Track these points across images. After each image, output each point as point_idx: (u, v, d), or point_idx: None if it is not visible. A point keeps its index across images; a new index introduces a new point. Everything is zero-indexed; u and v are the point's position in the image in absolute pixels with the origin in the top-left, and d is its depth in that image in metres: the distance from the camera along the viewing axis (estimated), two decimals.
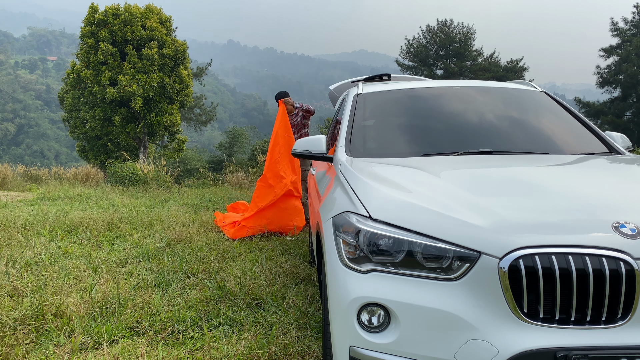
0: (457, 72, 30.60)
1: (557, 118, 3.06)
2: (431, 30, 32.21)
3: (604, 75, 25.65)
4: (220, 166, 23.04)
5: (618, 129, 21.72)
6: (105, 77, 17.82)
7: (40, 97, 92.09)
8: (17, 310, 2.91)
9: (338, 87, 4.95)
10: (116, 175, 11.91)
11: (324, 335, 2.07)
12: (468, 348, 1.48)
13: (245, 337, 2.70)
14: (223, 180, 14.55)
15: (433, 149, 2.66)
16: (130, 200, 8.72)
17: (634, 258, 1.45)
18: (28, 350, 2.55)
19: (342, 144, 2.79)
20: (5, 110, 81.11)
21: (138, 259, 4.38)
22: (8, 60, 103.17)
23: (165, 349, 2.60)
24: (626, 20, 25.58)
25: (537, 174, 2.17)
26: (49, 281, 3.56)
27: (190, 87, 19.98)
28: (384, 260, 1.65)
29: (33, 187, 11.44)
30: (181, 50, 19.18)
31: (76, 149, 21.82)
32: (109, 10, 18.56)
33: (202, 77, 31.43)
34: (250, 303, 3.27)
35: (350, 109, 3.11)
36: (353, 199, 1.93)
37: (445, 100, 3.22)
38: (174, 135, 21.27)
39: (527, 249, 1.48)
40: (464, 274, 1.54)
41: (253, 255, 4.59)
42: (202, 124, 32.58)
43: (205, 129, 48.65)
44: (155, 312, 3.04)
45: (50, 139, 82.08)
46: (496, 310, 1.49)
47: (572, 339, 1.44)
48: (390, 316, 1.58)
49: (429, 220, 1.66)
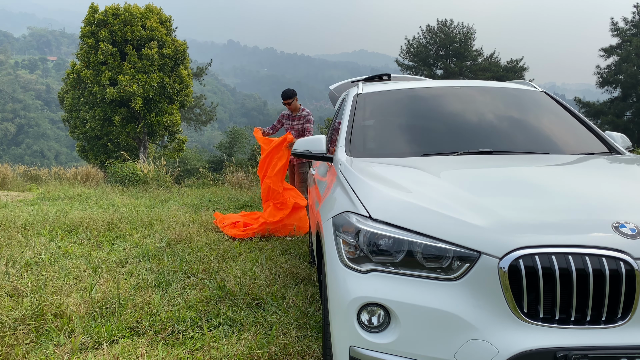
0: (457, 72, 30.60)
1: (557, 118, 3.06)
2: (431, 30, 32.22)
3: (604, 75, 25.66)
4: (220, 166, 23.03)
5: (618, 129, 21.71)
6: (105, 77, 17.83)
7: (40, 97, 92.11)
8: (17, 310, 2.91)
9: (338, 87, 4.95)
10: (116, 175, 11.92)
11: (324, 335, 2.07)
12: (468, 348, 1.48)
13: (245, 337, 2.70)
14: (223, 180, 14.54)
15: (433, 149, 2.66)
16: (130, 200, 8.72)
17: (634, 258, 1.45)
18: (28, 350, 2.55)
19: (342, 144, 2.79)
20: (5, 110, 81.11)
21: (138, 259, 4.38)
22: (8, 60, 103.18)
23: (165, 349, 2.60)
24: (626, 20, 25.59)
25: (537, 174, 2.17)
26: (49, 281, 3.56)
27: (190, 87, 19.99)
28: (384, 260, 1.65)
29: (33, 187, 11.44)
30: (181, 50, 19.19)
31: (76, 149, 21.83)
32: (109, 10, 18.57)
33: (202, 77, 31.45)
34: (250, 303, 3.27)
35: (350, 109, 3.11)
36: (353, 199, 1.93)
37: (445, 100, 3.22)
38: (174, 135, 21.29)
39: (527, 249, 1.48)
40: (464, 274, 1.54)
41: (253, 255, 4.59)
42: (202, 124, 32.60)
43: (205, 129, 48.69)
44: (155, 312, 3.04)
45: (50, 139, 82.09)
46: (496, 310, 1.49)
47: (572, 339, 1.44)
48: (390, 316, 1.58)
49: (429, 220, 1.66)
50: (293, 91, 6.55)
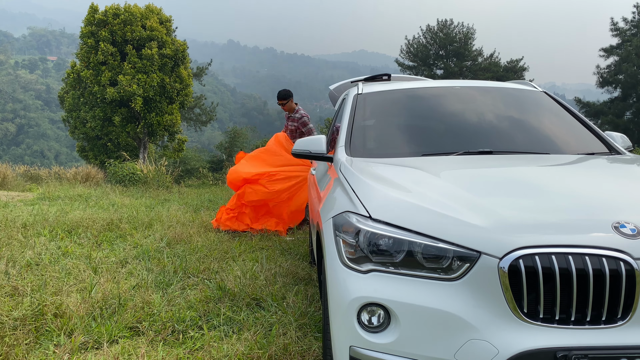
0: (457, 72, 30.60)
1: (557, 118, 3.06)
2: (431, 30, 32.21)
3: (604, 75, 25.65)
4: (220, 166, 23.06)
5: (618, 129, 21.72)
6: (105, 77, 17.82)
7: (40, 97, 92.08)
8: (17, 310, 2.91)
9: (338, 87, 4.95)
10: (116, 175, 11.92)
11: (324, 335, 2.07)
12: (468, 348, 1.48)
13: (245, 337, 2.70)
14: (223, 180, 14.54)
15: (433, 149, 2.66)
16: (130, 200, 8.72)
17: (634, 258, 1.45)
18: (28, 350, 2.55)
19: (342, 144, 2.79)
20: (5, 110, 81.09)
21: (138, 259, 4.38)
22: (8, 60, 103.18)
23: (165, 349, 2.60)
24: (626, 20, 25.58)
25: (537, 174, 2.17)
26: (49, 281, 3.56)
27: (190, 87, 19.98)
28: (384, 260, 1.65)
29: (33, 187, 11.45)
30: (181, 50, 19.18)
31: (76, 149, 21.83)
32: (109, 10, 18.56)
33: (202, 77, 31.43)
34: (250, 303, 3.27)
35: (350, 109, 3.11)
36: (353, 199, 1.93)
37: (445, 100, 3.22)
38: (174, 135, 21.27)
39: (527, 249, 1.48)
40: (464, 274, 1.54)
41: (253, 255, 4.59)
42: (202, 124, 32.56)
43: (205, 129, 48.61)
44: (155, 312, 3.04)
45: (50, 139, 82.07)
46: (496, 310, 1.49)
47: (572, 339, 1.44)
48: (390, 316, 1.58)
49: (429, 220, 1.66)
50: (288, 92, 6.53)
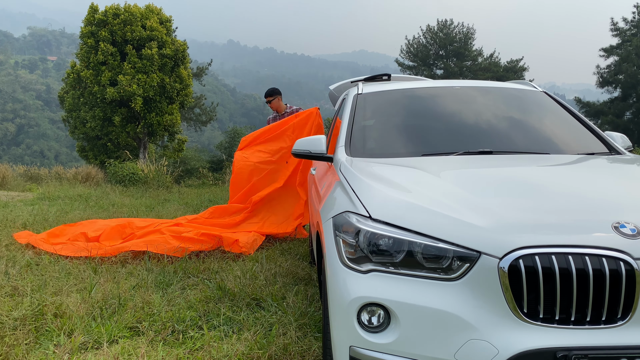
0: (457, 72, 30.61)
1: (557, 118, 3.06)
2: (431, 30, 32.22)
3: (604, 75, 25.66)
4: (220, 166, 23.03)
5: (618, 129, 21.70)
6: (105, 77, 17.81)
7: (40, 97, 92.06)
8: (17, 310, 2.91)
9: (338, 87, 4.95)
10: (116, 175, 11.92)
11: (324, 335, 2.07)
12: (468, 348, 1.48)
13: (245, 337, 2.70)
14: (223, 180, 14.55)
15: (433, 149, 2.66)
16: (130, 200, 8.72)
17: (634, 258, 1.45)
18: (28, 350, 2.55)
19: (342, 144, 2.79)
20: (5, 110, 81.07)
21: (138, 259, 4.38)
22: (8, 60, 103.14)
23: (165, 349, 2.60)
24: (626, 20, 25.58)
25: (537, 174, 2.17)
26: (49, 281, 3.56)
27: (190, 87, 19.96)
28: (384, 260, 1.65)
29: (33, 187, 11.45)
30: (181, 50, 19.16)
31: (76, 149, 21.81)
32: (109, 10, 18.54)
33: (202, 77, 31.41)
34: (250, 303, 3.27)
35: (350, 109, 3.11)
36: (353, 199, 1.93)
37: (445, 100, 3.22)
38: (174, 135, 21.26)
39: (527, 249, 1.48)
40: (464, 274, 1.54)
41: (253, 255, 4.58)
42: (202, 124, 32.54)
43: (205, 129, 48.59)
44: (155, 312, 3.04)
45: (50, 139, 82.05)
46: (496, 310, 1.49)
47: (572, 339, 1.44)
48: (390, 316, 1.58)
49: (429, 220, 1.66)
50: (275, 89, 6.29)
